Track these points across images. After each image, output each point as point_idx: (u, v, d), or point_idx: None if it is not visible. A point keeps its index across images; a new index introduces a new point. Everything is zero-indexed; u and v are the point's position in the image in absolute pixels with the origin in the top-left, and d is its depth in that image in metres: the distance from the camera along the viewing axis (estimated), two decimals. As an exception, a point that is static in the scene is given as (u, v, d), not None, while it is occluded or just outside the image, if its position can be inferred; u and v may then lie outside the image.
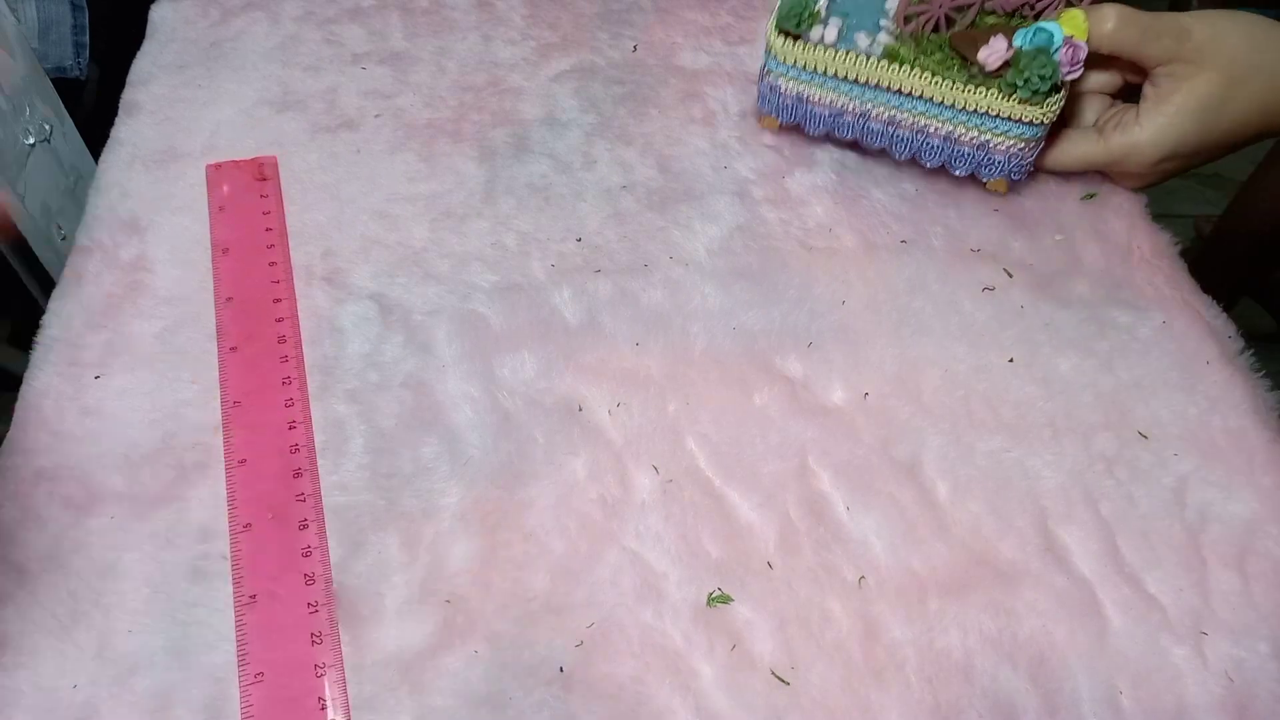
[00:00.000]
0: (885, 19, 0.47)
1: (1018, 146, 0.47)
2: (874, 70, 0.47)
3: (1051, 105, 0.45)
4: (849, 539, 0.39)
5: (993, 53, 0.45)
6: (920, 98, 0.47)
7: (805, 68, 0.48)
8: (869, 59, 0.47)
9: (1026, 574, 0.38)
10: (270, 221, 0.48)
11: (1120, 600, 0.38)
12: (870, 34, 0.47)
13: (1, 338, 0.89)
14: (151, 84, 0.55)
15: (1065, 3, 0.47)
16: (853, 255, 0.48)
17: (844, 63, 0.47)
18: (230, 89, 0.55)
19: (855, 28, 0.47)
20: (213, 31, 0.58)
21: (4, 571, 0.37)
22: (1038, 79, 0.44)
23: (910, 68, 0.46)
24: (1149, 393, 0.44)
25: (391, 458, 0.40)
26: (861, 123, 0.49)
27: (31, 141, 0.62)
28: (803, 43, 0.47)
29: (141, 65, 0.56)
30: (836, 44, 0.47)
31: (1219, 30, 0.46)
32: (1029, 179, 0.52)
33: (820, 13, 0.47)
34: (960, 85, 0.46)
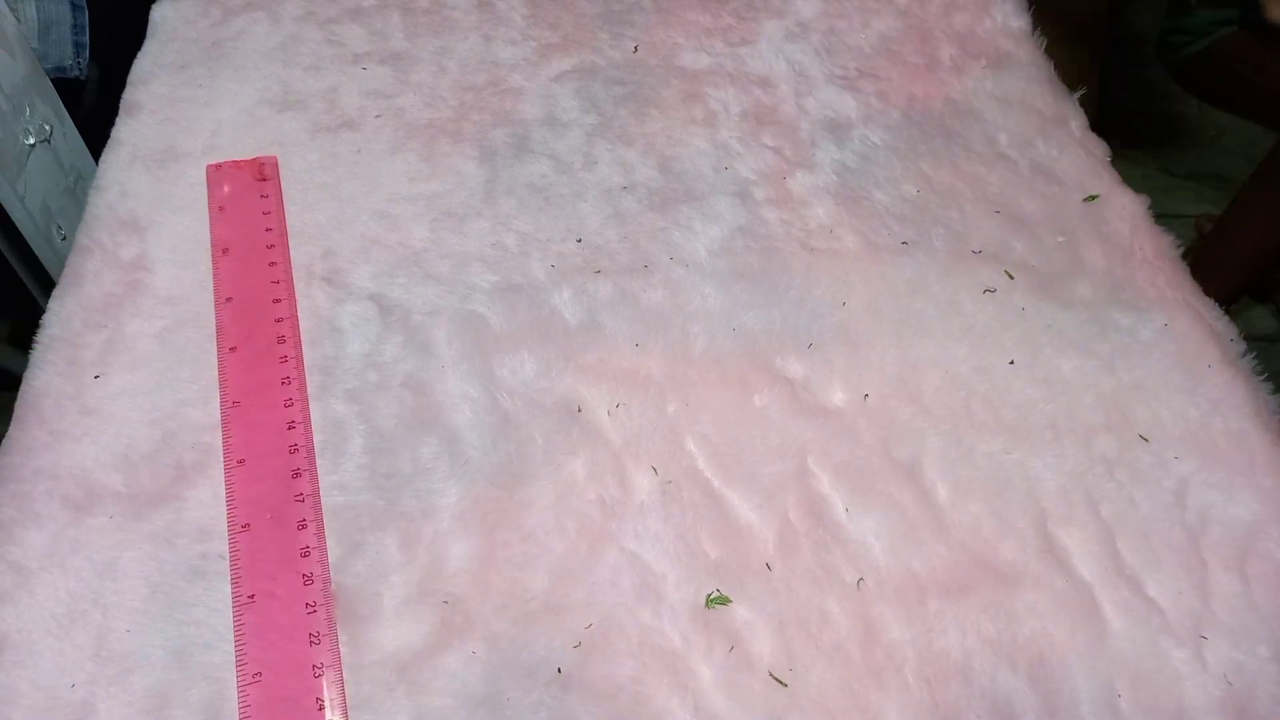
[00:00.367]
0: None
1: None
2: None
3: None
4: (848, 540, 0.39)
5: None
6: None
7: None
8: None
9: (1026, 575, 0.38)
10: (270, 221, 0.48)
11: (1120, 602, 0.38)
12: None
13: (1, 337, 0.89)
14: (152, 84, 0.55)
15: None
16: (854, 256, 0.48)
17: None
18: (231, 89, 0.55)
19: None
20: (213, 31, 0.58)
21: (3, 570, 0.37)
22: None
23: None
24: (1150, 395, 0.44)
25: (391, 458, 0.40)
26: None
27: (31, 141, 0.62)
28: None
29: (142, 65, 0.56)
30: None
31: None
32: (1029, 180, 0.52)
33: None
34: None
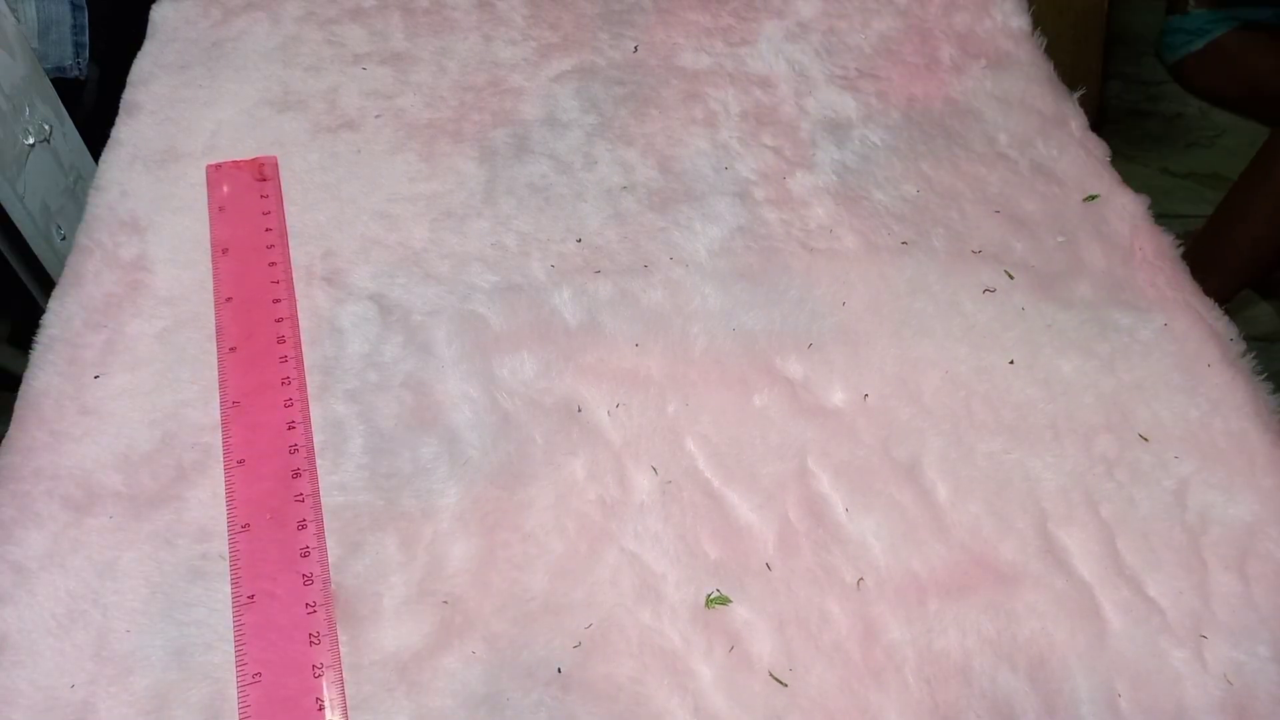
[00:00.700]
0: None
1: None
2: None
3: None
4: (848, 540, 0.39)
5: None
6: None
7: None
8: None
9: (1026, 576, 0.38)
10: (270, 221, 0.48)
11: (1120, 602, 0.38)
12: None
13: (1, 337, 0.89)
14: (152, 84, 0.55)
15: None
16: (854, 256, 0.48)
17: None
18: (231, 89, 0.55)
19: None
20: (214, 31, 0.58)
21: (3, 570, 0.37)
22: None
23: None
24: (1150, 395, 0.44)
25: (391, 458, 0.40)
26: None
27: (31, 141, 0.62)
28: None
29: (142, 65, 0.56)
30: None
31: None
32: (1029, 180, 0.52)
33: None
34: None
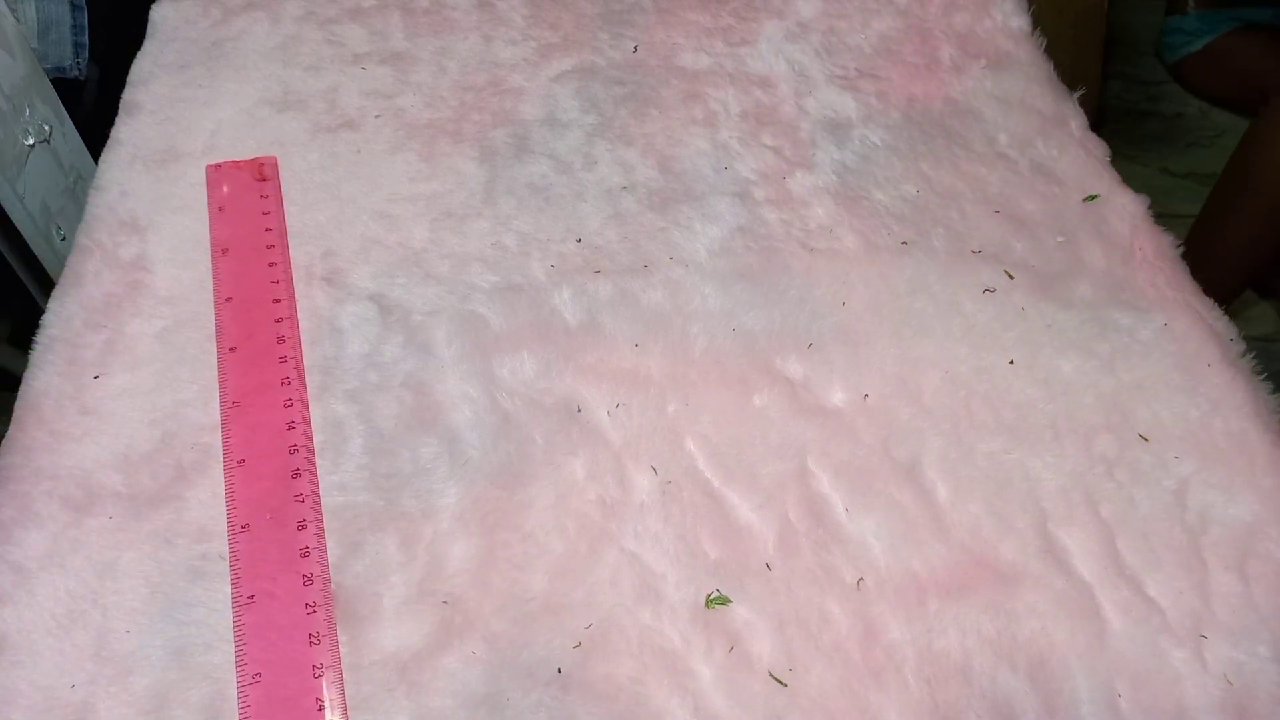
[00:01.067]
0: None
1: None
2: None
3: None
4: (848, 540, 0.39)
5: None
6: None
7: None
8: None
9: (1026, 576, 0.38)
10: (270, 221, 0.48)
11: (1120, 602, 0.38)
12: None
13: (1, 337, 0.89)
14: (152, 84, 0.55)
15: None
16: (854, 256, 0.48)
17: None
18: (231, 89, 0.55)
19: None
20: (213, 31, 0.58)
21: (3, 570, 0.37)
22: None
23: None
24: (1150, 395, 0.44)
25: (390, 458, 0.40)
26: None
27: (31, 141, 0.62)
28: None
29: (142, 65, 0.56)
30: None
31: None
32: (1029, 180, 0.52)
33: None
34: None
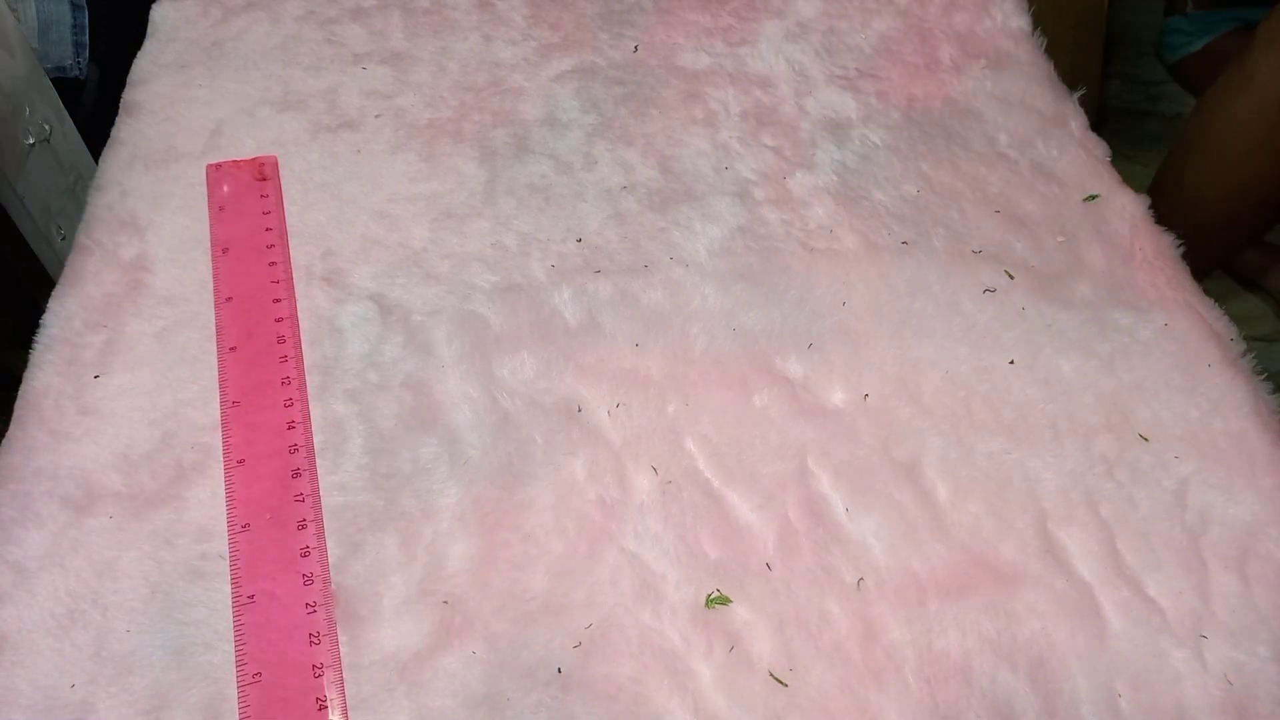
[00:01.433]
0: None
1: None
2: None
3: None
4: (848, 540, 0.39)
5: None
6: None
7: None
8: None
9: (1026, 576, 0.38)
10: (270, 221, 0.48)
11: (1120, 602, 0.38)
12: None
13: (2, 337, 0.89)
14: (152, 84, 0.55)
15: None
16: (854, 256, 0.48)
17: None
18: (231, 89, 0.55)
19: None
20: (214, 31, 0.58)
21: (3, 570, 0.37)
22: None
23: None
24: (1150, 395, 0.44)
25: (390, 458, 0.40)
26: None
27: (31, 141, 0.62)
28: None
29: (142, 65, 0.56)
30: None
31: None
32: (1029, 180, 0.52)
33: None
34: None
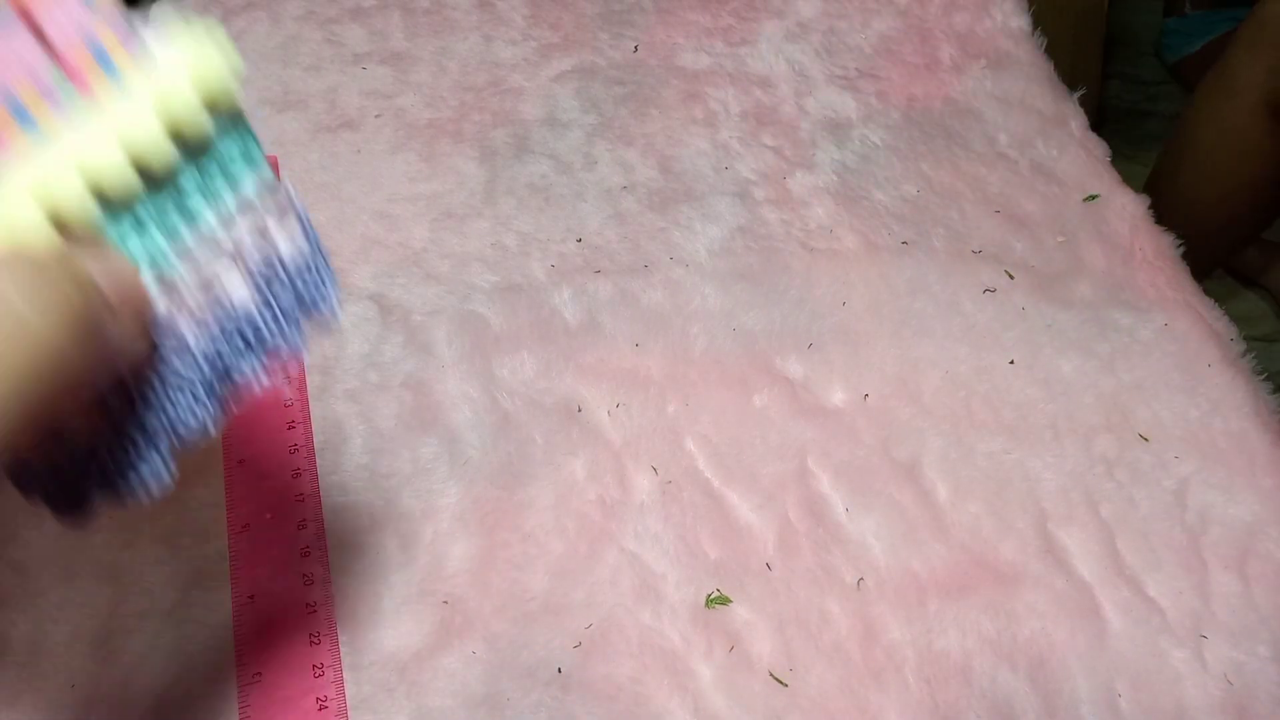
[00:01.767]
0: None
1: None
2: None
3: None
4: (848, 540, 0.39)
5: None
6: None
7: None
8: None
9: (1026, 576, 0.38)
10: (271, 221, 0.48)
11: (1120, 602, 0.38)
12: None
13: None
14: (153, 84, 0.55)
15: None
16: (854, 256, 0.48)
17: None
18: (231, 89, 0.55)
19: None
20: (214, 31, 0.58)
21: (4, 570, 0.37)
22: None
23: None
24: (1150, 395, 0.44)
25: (390, 458, 0.40)
26: None
27: (33, 141, 0.62)
28: None
29: (143, 65, 0.56)
30: None
31: None
32: (1029, 180, 0.52)
33: None
34: None
